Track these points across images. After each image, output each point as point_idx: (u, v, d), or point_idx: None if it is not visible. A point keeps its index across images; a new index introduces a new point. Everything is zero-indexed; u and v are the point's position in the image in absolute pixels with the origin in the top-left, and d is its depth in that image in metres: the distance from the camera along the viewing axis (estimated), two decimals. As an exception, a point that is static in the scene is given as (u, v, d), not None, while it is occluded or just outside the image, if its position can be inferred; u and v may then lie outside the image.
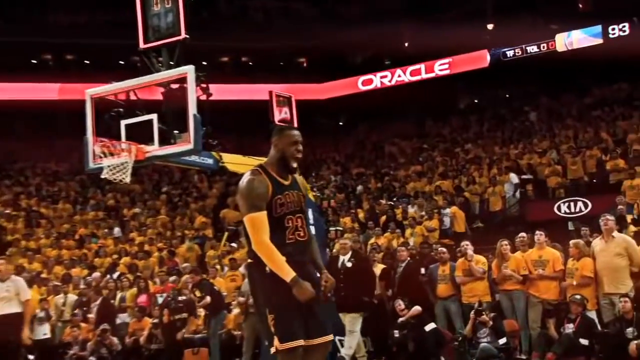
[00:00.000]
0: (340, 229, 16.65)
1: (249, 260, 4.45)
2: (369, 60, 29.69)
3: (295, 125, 12.30)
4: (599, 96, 25.12)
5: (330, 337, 4.43)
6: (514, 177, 17.82)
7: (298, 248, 4.32)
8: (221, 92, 27.64)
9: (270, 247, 4.19)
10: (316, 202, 12.93)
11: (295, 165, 4.42)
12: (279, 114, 11.94)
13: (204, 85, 7.63)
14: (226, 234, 17.03)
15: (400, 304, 10.27)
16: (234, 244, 16.74)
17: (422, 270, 11.23)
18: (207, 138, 8.00)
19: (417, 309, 10.17)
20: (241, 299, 11.77)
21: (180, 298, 11.60)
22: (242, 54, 30.59)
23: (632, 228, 12.03)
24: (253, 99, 27.74)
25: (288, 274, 4.15)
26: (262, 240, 4.21)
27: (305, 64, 31.96)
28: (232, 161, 11.02)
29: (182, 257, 16.91)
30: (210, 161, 9.83)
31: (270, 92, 12.22)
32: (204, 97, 7.68)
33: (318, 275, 4.45)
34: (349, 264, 9.56)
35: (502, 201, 17.77)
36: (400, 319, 10.15)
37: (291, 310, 4.22)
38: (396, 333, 10.14)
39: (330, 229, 15.50)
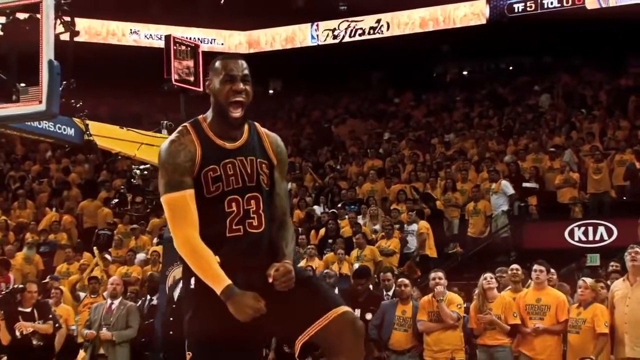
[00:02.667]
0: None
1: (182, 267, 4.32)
2: (316, 2, 29.84)
3: (201, 89, 12.36)
4: None
5: (343, 308, 4.12)
6: (507, 186, 18.15)
7: (246, 245, 4.11)
8: (94, 31, 27.67)
9: (195, 245, 4.01)
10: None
11: (236, 114, 4.19)
12: (178, 70, 11.93)
13: (67, 19, 7.54)
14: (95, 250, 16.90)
15: None
16: (107, 256, 16.66)
17: (369, 316, 11.36)
18: (68, 97, 7.92)
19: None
20: (87, 331, 11.66)
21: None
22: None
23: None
24: (141, 45, 27.63)
25: (219, 282, 3.94)
26: (184, 235, 4.04)
27: (222, 0, 31.82)
28: (105, 134, 10.94)
29: (18, 272, 16.67)
30: (71, 132, 9.76)
31: (168, 38, 12.21)
32: (66, 37, 7.60)
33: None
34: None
35: (486, 224, 18.13)
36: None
37: (226, 349, 4.03)
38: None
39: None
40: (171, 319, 9.51)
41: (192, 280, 4.08)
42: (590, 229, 16.81)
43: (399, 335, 11.10)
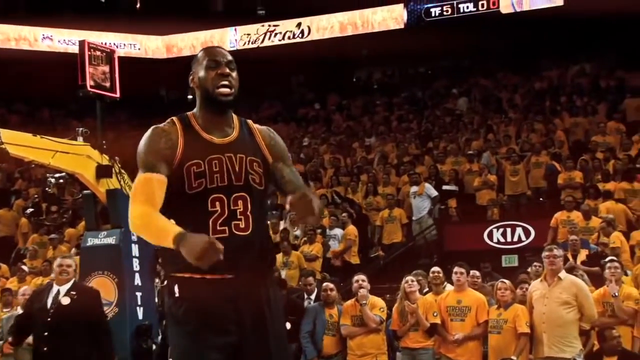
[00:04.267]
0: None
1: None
2: (234, 7, 29.77)
3: (117, 95, 12.21)
4: (554, 80, 26.32)
5: None
6: (430, 189, 18.32)
7: (232, 249, 3.77)
8: (5, 36, 27.07)
9: (148, 218, 3.79)
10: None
11: (225, 94, 4.03)
12: (94, 75, 11.78)
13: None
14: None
15: None
16: (23, 267, 16.32)
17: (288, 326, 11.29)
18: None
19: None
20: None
21: None
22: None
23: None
24: (55, 50, 27.17)
25: (171, 233, 3.65)
26: (137, 210, 3.82)
27: (139, 4, 31.50)
28: (18, 142, 10.73)
29: None
30: (-19, 140, 9.53)
31: (82, 43, 12.02)
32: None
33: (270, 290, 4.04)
34: (66, 301, 8.63)
35: (403, 231, 18.17)
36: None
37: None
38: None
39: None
40: (45, 334, 8.46)
41: (176, 288, 3.91)
42: (509, 230, 17.05)
43: (328, 340, 11.11)
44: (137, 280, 11.43)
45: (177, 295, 3.91)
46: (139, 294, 11.42)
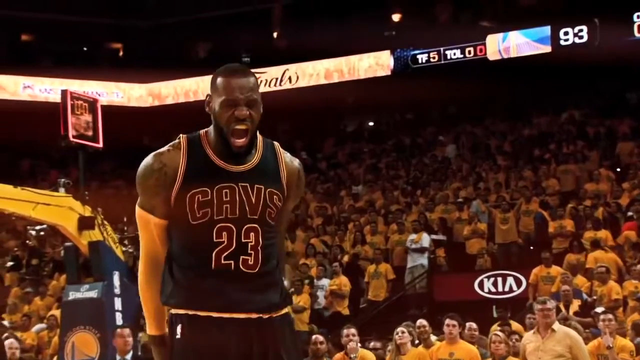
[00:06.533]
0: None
1: None
2: (219, 53, 29.83)
3: (100, 144, 12.19)
4: (543, 127, 26.45)
5: None
6: (426, 239, 18.22)
7: (235, 285, 3.53)
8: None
9: (142, 282, 3.62)
10: (126, 262, 12.74)
11: (239, 144, 3.55)
12: (76, 125, 11.77)
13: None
14: None
15: None
16: (4, 322, 16.21)
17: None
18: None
19: None
20: None
21: None
22: (21, 28, 29.77)
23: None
24: (36, 100, 27.15)
25: (152, 325, 3.62)
26: (140, 264, 3.66)
27: (121, 52, 31.62)
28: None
29: None
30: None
31: (64, 93, 12.03)
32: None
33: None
34: None
35: (388, 287, 17.96)
36: None
37: None
38: None
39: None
40: None
41: (179, 329, 3.56)
42: (500, 279, 17.02)
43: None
44: (120, 335, 11.29)
45: (178, 336, 3.56)
46: (122, 349, 11.28)
